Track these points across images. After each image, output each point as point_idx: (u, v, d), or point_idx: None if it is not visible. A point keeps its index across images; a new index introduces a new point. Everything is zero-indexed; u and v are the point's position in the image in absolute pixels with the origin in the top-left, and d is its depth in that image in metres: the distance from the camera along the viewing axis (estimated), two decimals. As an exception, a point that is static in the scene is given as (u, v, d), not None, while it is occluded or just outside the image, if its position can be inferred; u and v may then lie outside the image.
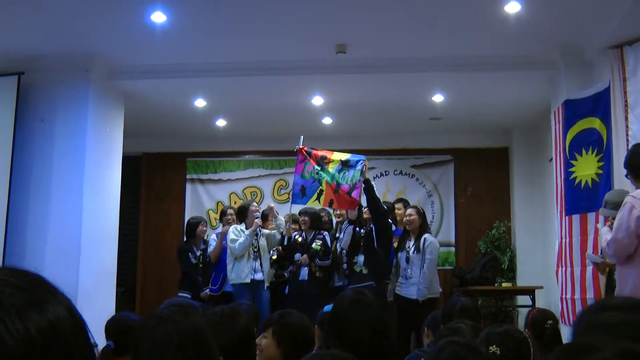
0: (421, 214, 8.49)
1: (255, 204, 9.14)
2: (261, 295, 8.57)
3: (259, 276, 8.61)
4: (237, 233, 8.70)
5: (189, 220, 9.73)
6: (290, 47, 8.47)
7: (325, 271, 8.43)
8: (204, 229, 9.44)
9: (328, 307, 5.00)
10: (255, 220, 8.65)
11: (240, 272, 8.55)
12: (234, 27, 7.87)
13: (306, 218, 8.63)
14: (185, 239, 9.54)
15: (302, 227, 8.68)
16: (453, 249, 12.16)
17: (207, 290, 8.99)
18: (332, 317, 3.30)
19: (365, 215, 8.24)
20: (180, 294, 8.95)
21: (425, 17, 7.58)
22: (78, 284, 8.27)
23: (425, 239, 8.27)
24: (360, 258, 8.07)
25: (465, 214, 12.18)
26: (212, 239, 9.37)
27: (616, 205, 5.44)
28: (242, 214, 8.97)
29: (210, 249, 9.22)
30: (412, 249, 8.26)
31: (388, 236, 8.12)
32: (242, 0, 7.15)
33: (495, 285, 10.93)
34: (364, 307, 3.21)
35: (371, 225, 8.07)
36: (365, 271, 7.99)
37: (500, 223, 11.67)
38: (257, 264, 8.63)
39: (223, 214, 9.66)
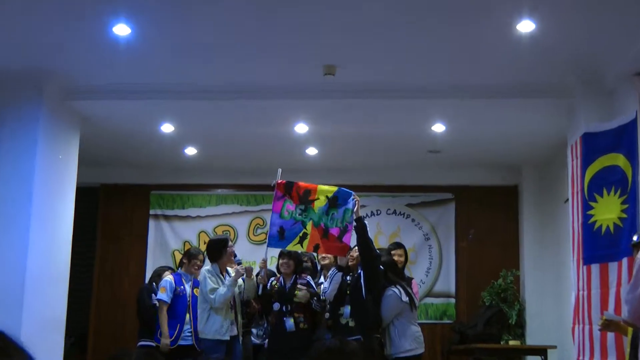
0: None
1: (230, 242, 8.82)
2: (235, 349, 8.39)
3: (234, 330, 8.38)
4: (214, 280, 8.36)
5: (156, 269, 9.57)
6: (272, 67, 8.44)
7: (309, 322, 8.28)
8: (169, 278, 9.13)
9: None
10: (237, 267, 8.35)
11: (220, 328, 8.23)
12: (208, 44, 7.83)
13: (290, 261, 8.36)
14: (146, 281, 9.36)
15: (282, 271, 8.43)
16: (453, 300, 12.13)
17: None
18: None
19: (351, 262, 8.09)
20: (142, 344, 8.76)
21: (425, 37, 7.56)
22: (20, 333, 8.05)
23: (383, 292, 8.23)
24: (347, 309, 7.93)
25: (468, 261, 12.15)
26: (168, 280, 8.80)
27: None
28: (216, 253, 8.54)
29: (164, 295, 8.70)
30: None
31: (378, 285, 8.01)
32: (217, 14, 7.10)
33: (502, 343, 10.87)
34: (343, 356, 2.90)
35: (359, 271, 7.96)
36: (352, 324, 7.84)
37: (507, 272, 11.59)
38: (232, 315, 8.42)
39: (191, 256, 9.08)
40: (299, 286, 8.24)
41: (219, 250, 8.53)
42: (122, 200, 12.63)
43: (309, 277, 8.39)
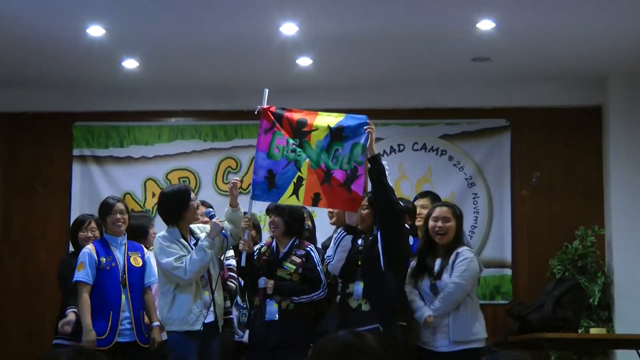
0: (458, 217, 8.28)
1: (193, 194, 8.72)
2: (210, 344, 8.38)
3: (209, 316, 8.32)
4: (176, 246, 8.27)
5: (75, 221, 9.52)
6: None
7: (304, 306, 8.24)
8: (90, 235, 9.06)
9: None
10: (214, 220, 8.31)
11: (187, 315, 8.17)
12: None
13: (277, 219, 8.41)
14: (72, 249, 9.39)
15: (272, 234, 8.55)
16: (509, 271, 12.19)
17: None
18: None
19: (360, 225, 8.03)
20: (58, 343, 8.73)
21: None
22: None
23: (458, 254, 8.12)
24: (357, 287, 7.94)
25: (530, 216, 12.20)
26: (87, 251, 8.59)
27: None
28: (173, 212, 8.45)
29: (82, 274, 8.49)
30: (444, 272, 8.09)
31: (403, 251, 8.00)
32: None
33: (580, 331, 10.82)
34: (359, 356, 3.13)
35: (375, 231, 7.90)
36: (366, 307, 7.88)
37: (587, 230, 11.64)
38: (207, 294, 8.36)
39: (104, 211, 8.83)
40: (292, 257, 8.31)
41: (178, 207, 8.44)
42: (33, 136, 12.71)
43: (310, 247, 8.46)
